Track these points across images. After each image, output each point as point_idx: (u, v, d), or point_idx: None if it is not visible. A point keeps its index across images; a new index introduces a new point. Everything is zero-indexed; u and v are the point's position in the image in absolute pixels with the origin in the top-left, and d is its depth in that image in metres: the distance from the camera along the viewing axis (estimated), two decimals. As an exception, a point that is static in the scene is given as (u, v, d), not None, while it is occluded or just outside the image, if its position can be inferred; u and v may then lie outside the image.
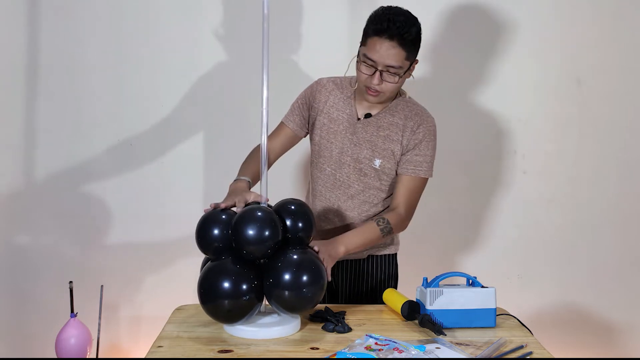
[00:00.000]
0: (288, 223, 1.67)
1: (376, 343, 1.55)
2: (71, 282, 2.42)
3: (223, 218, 1.65)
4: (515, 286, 2.81)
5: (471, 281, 1.79)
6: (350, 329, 1.68)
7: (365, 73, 1.88)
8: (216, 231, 1.64)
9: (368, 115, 2.00)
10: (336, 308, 1.83)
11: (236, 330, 1.62)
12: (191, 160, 2.71)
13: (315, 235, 1.75)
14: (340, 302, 2.11)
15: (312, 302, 1.63)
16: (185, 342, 1.59)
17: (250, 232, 1.58)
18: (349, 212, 2.03)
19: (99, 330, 2.44)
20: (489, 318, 1.74)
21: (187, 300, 1.91)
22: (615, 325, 2.85)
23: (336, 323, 1.69)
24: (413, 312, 1.74)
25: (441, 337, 1.63)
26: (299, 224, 1.68)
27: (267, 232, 1.59)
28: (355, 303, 2.03)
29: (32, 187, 2.67)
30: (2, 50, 2.60)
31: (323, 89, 2.05)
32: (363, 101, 2.00)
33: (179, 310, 1.83)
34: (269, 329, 1.62)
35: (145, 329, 2.74)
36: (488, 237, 2.81)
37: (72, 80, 2.63)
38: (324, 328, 1.68)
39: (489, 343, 1.61)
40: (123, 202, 2.70)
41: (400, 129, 1.97)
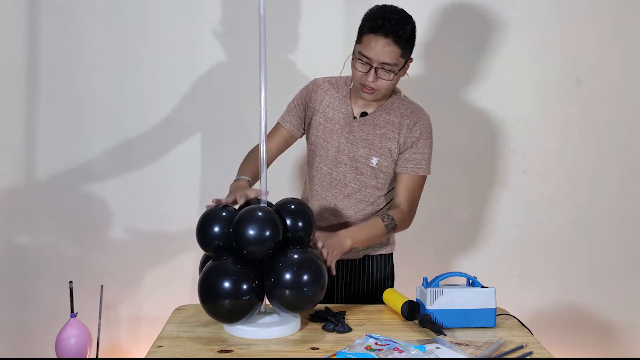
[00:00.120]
0: (288, 222, 1.67)
1: (376, 343, 1.55)
2: (71, 282, 2.42)
3: (223, 215, 1.66)
4: (515, 286, 2.81)
5: (471, 281, 1.79)
6: (350, 329, 1.68)
7: (360, 70, 1.89)
8: (217, 229, 1.64)
9: (364, 113, 2.00)
10: (336, 308, 1.83)
11: (236, 330, 1.62)
12: (191, 160, 2.71)
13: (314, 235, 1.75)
14: (336, 302, 2.10)
15: (313, 302, 1.64)
16: (185, 342, 1.59)
17: (251, 232, 1.58)
18: (346, 211, 2.03)
19: (99, 330, 2.44)
20: (489, 318, 1.74)
21: (187, 300, 1.91)
22: (615, 325, 2.85)
23: (336, 323, 1.69)
24: (413, 312, 1.74)
25: (441, 337, 1.63)
26: (299, 224, 1.68)
27: (268, 232, 1.59)
28: (351, 303, 2.03)
29: (32, 187, 2.67)
30: (3, 50, 2.60)
31: (319, 89, 2.05)
32: (359, 100, 2.00)
33: (179, 310, 1.83)
34: (269, 329, 1.62)
35: (145, 329, 2.74)
36: (488, 237, 2.81)
37: (73, 80, 2.63)
38: (324, 328, 1.68)
39: (489, 343, 1.61)
40: (123, 202, 2.70)
41: (396, 127, 1.98)
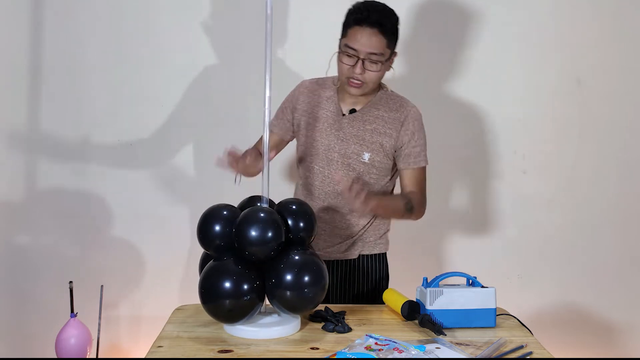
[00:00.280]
0: (290, 223, 1.67)
1: (376, 343, 1.55)
2: (71, 282, 2.42)
3: (225, 215, 1.66)
4: (515, 286, 2.81)
5: (471, 281, 1.79)
6: (350, 329, 1.68)
7: (347, 64, 1.90)
8: (218, 228, 1.64)
9: (353, 110, 2.02)
10: (336, 308, 1.83)
11: (236, 330, 1.62)
12: (191, 160, 2.71)
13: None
14: (331, 303, 2.10)
15: (313, 303, 1.64)
16: (185, 342, 1.59)
17: (253, 234, 1.58)
18: (340, 209, 2.04)
19: (99, 330, 2.44)
20: (489, 318, 1.74)
21: (187, 300, 1.90)
22: (615, 325, 2.85)
23: (336, 323, 1.69)
24: (413, 312, 1.74)
25: (441, 337, 1.62)
26: (301, 224, 1.68)
27: (271, 234, 1.59)
28: (347, 303, 2.03)
29: (33, 187, 2.67)
30: (4, 50, 2.60)
31: (306, 90, 2.08)
32: (347, 98, 2.02)
33: (179, 310, 1.83)
34: (269, 329, 1.62)
35: (145, 329, 2.73)
36: (488, 237, 2.80)
37: (73, 80, 2.63)
38: (324, 328, 1.68)
39: (489, 343, 1.61)
40: (123, 202, 2.70)
41: (386, 122, 1.99)
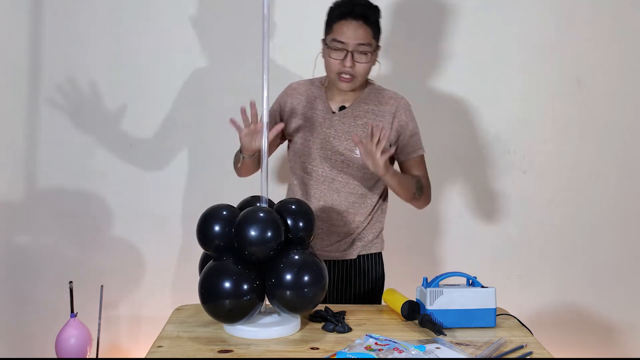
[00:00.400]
0: (289, 223, 1.67)
1: (376, 343, 1.55)
2: (71, 282, 2.42)
3: (224, 215, 1.66)
4: (515, 286, 2.80)
5: (471, 281, 1.79)
6: (350, 329, 1.68)
7: (336, 58, 1.91)
8: (217, 228, 1.64)
9: (342, 107, 2.03)
10: (336, 308, 1.83)
11: (236, 330, 1.62)
12: (191, 160, 2.71)
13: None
14: (330, 303, 2.10)
15: (313, 303, 1.64)
16: (185, 342, 1.59)
17: (253, 234, 1.58)
18: (337, 206, 2.04)
19: (99, 330, 2.44)
20: (489, 318, 1.74)
21: (187, 300, 1.90)
22: (615, 325, 2.85)
23: (336, 323, 1.69)
24: (413, 312, 1.74)
25: (441, 337, 1.62)
26: (300, 224, 1.68)
27: (270, 234, 1.59)
28: (345, 303, 2.03)
29: (33, 187, 2.67)
30: (4, 50, 2.60)
31: (294, 92, 2.09)
32: (335, 96, 2.04)
33: (179, 310, 1.83)
34: (269, 329, 1.62)
35: (145, 329, 2.73)
36: (488, 237, 2.80)
37: (73, 80, 2.63)
38: (324, 328, 1.68)
39: (489, 343, 1.61)
40: (123, 202, 2.70)
41: (377, 115, 2.01)
